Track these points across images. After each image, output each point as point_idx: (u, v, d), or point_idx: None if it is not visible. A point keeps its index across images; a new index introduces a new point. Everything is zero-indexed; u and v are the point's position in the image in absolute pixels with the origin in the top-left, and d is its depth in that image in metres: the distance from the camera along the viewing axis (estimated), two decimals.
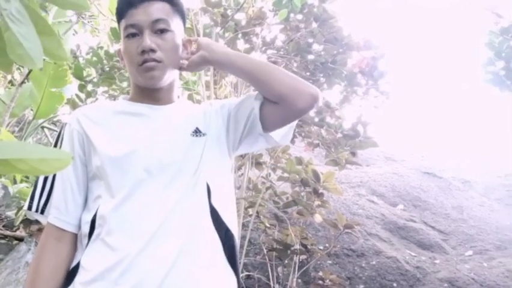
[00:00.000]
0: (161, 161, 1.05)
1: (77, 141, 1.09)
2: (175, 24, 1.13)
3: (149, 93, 1.14)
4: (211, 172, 1.09)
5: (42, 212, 1.09)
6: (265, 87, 1.09)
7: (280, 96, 1.06)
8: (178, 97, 1.23)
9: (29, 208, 1.10)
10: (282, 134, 1.17)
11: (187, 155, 1.08)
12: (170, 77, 1.14)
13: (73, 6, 0.63)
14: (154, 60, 1.07)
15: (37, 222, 1.16)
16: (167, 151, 1.07)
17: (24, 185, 2.74)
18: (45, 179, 1.11)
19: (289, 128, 1.19)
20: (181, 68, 1.19)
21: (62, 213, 1.06)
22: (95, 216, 1.03)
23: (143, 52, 1.07)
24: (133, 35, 1.10)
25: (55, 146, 1.11)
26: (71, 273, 1.02)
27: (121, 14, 1.13)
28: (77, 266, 1.02)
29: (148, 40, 1.07)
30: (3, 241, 2.73)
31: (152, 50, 1.07)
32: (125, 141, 1.07)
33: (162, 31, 1.10)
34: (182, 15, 1.19)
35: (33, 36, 0.56)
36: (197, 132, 1.12)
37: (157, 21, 1.09)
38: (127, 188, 1.02)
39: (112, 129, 1.10)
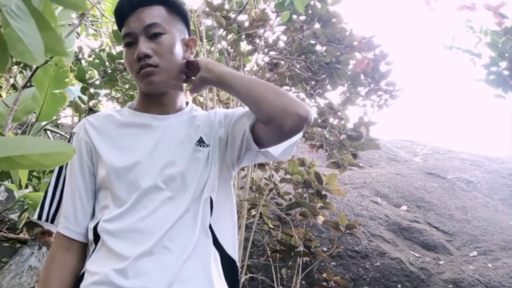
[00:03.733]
0: (166, 172, 1.05)
1: (85, 151, 1.10)
2: (172, 27, 1.12)
3: (154, 100, 1.14)
4: (214, 184, 1.09)
5: (52, 221, 1.10)
6: (255, 108, 1.06)
7: (268, 117, 1.03)
8: (187, 103, 1.22)
9: (39, 217, 1.11)
10: (281, 150, 1.14)
11: (191, 166, 1.08)
12: (172, 80, 1.13)
13: (72, 6, 0.63)
14: (150, 65, 1.07)
15: (40, 225, 1.17)
16: (171, 162, 1.07)
17: (29, 189, 2.73)
18: (55, 188, 1.12)
19: (291, 145, 1.15)
20: (189, 91, 1.20)
21: (71, 223, 1.07)
22: (97, 223, 1.04)
23: (139, 59, 1.07)
24: (131, 44, 1.10)
25: None
26: (79, 280, 1.03)
27: (119, 23, 1.14)
28: (84, 272, 1.03)
29: (143, 46, 1.07)
30: (6, 244, 2.73)
31: (147, 56, 1.07)
32: (130, 153, 1.07)
33: (156, 35, 1.09)
34: (183, 17, 1.18)
35: (34, 32, 0.55)
36: (201, 142, 1.12)
37: (150, 26, 1.08)
38: (132, 199, 1.03)
39: (118, 141, 1.10)
